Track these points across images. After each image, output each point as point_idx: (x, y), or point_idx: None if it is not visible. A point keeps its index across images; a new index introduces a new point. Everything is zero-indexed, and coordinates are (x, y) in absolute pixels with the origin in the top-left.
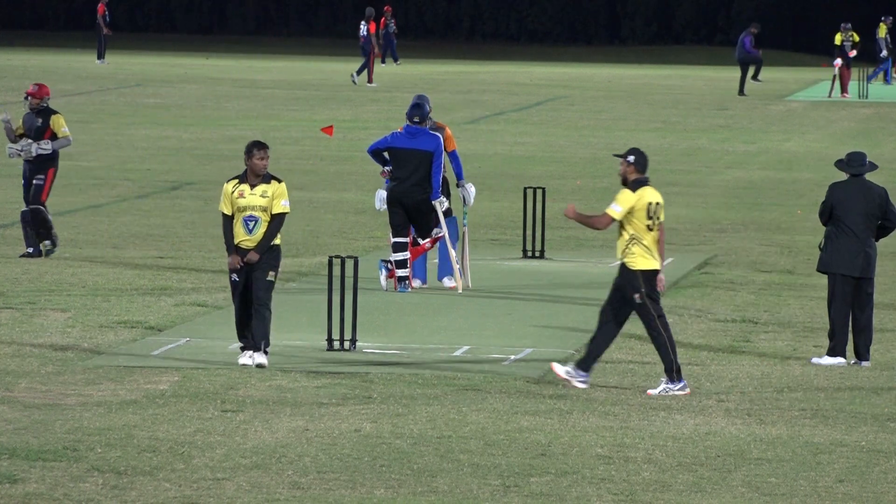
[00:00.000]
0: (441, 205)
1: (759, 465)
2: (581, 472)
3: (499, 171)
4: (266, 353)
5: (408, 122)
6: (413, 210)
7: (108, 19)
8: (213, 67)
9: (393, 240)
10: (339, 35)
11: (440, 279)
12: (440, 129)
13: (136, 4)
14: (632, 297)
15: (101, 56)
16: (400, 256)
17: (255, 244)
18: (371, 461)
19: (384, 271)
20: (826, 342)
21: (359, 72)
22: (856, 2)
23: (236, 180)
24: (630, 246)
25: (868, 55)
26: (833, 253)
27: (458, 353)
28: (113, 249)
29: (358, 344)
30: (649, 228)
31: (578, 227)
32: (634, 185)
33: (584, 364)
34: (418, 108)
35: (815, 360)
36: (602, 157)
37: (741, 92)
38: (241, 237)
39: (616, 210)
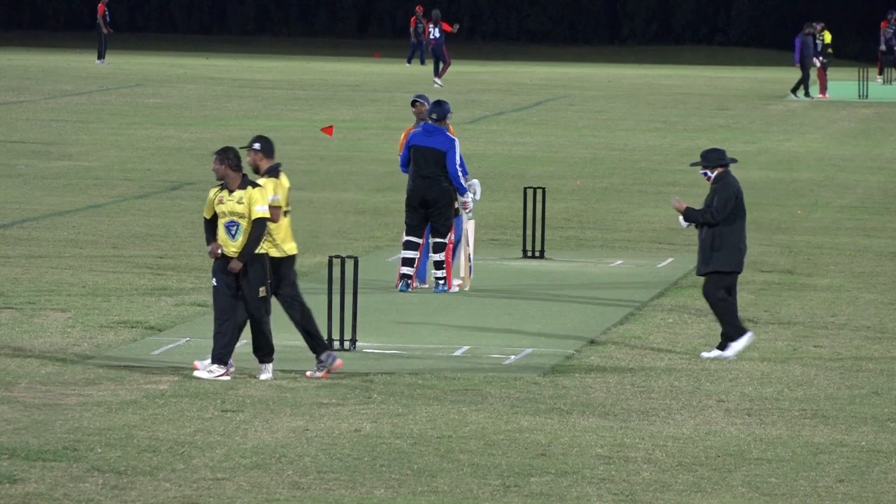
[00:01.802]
0: (463, 199)
1: (759, 465)
2: (581, 472)
3: (499, 171)
4: (271, 363)
5: (426, 120)
6: (433, 205)
7: (108, 19)
8: (213, 67)
9: (406, 238)
10: (339, 35)
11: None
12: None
13: (136, 4)
14: (257, 290)
15: (101, 56)
16: (410, 254)
17: (238, 251)
18: (371, 461)
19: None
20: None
21: (438, 74)
22: (856, 1)
23: (219, 186)
24: None
25: (868, 54)
26: (733, 249)
27: (458, 353)
28: (113, 249)
29: (358, 344)
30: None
31: (578, 227)
32: (270, 173)
33: (221, 358)
34: (438, 106)
35: (721, 354)
36: (602, 157)
37: (794, 91)
38: (226, 245)
39: (276, 199)
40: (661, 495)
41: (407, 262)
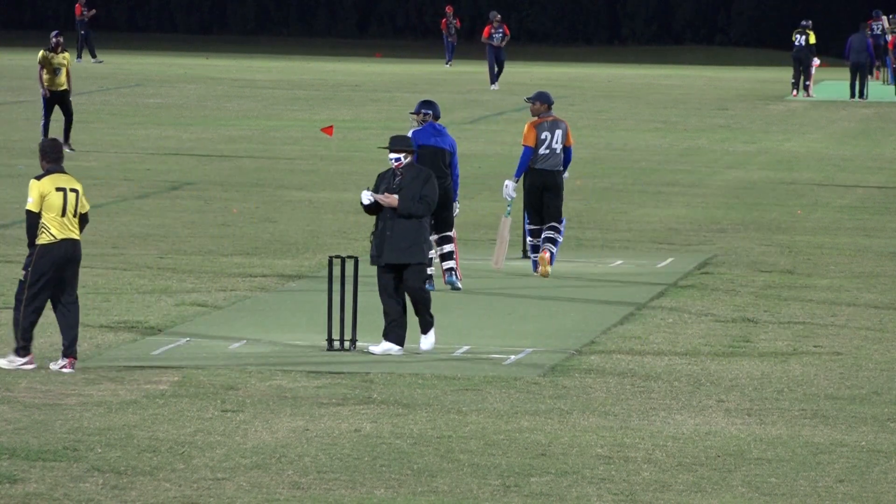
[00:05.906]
0: (455, 209)
1: (759, 465)
2: (581, 472)
3: (499, 171)
4: (11, 353)
5: (432, 120)
6: (440, 203)
7: (87, 15)
8: (213, 67)
9: (435, 236)
10: (339, 35)
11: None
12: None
13: (136, 4)
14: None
15: (93, 55)
16: (447, 249)
17: None
18: (371, 461)
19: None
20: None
21: (494, 78)
22: (856, 1)
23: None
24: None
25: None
26: (428, 241)
27: (458, 353)
28: (113, 249)
29: (358, 344)
30: None
31: (578, 227)
32: None
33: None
34: (429, 106)
35: (430, 340)
36: (602, 157)
37: (861, 95)
38: None
39: None
40: (661, 495)
41: (446, 256)
